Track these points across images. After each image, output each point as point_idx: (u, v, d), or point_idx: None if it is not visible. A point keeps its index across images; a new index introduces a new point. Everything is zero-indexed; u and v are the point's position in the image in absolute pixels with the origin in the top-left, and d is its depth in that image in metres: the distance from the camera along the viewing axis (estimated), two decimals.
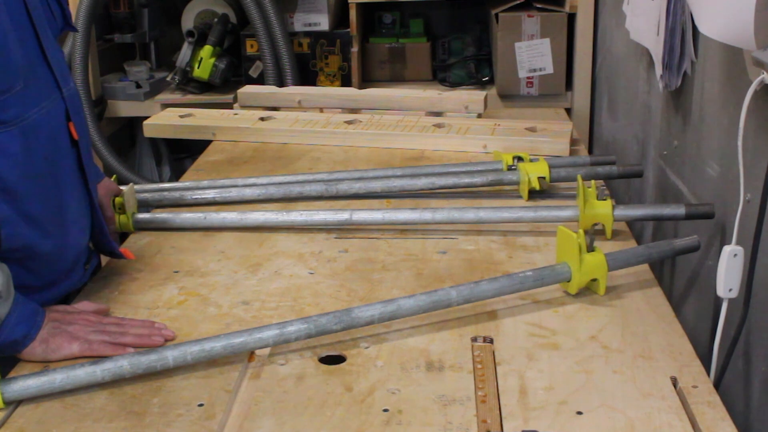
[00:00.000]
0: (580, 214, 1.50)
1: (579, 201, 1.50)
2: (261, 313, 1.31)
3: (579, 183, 1.50)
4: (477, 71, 2.74)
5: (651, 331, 1.23)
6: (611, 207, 1.50)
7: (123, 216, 1.61)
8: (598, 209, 1.50)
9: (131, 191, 1.63)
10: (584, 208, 1.49)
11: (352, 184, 1.74)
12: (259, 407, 1.07)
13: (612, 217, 1.50)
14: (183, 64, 2.73)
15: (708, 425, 1.01)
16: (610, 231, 1.51)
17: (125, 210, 1.60)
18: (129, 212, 1.61)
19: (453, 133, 2.08)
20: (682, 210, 1.44)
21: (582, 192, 1.49)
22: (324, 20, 2.72)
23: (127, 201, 1.60)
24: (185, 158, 3.14)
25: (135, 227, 1.62)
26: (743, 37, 1.08)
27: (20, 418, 1.06)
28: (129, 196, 1.61)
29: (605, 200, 1.50)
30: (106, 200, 1.57)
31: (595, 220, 1.50)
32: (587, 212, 1.50)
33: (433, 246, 1.53)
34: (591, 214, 1.50)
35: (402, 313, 1.22)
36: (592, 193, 1.50)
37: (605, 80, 2.36)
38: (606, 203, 1.50)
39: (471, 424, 1.02)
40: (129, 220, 1.61)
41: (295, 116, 2.25)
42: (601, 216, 1.50)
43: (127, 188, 1.62)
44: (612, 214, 1.50)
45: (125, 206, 1.60)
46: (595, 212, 1.50)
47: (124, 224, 1.61)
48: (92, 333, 1.20)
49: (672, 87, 1.57)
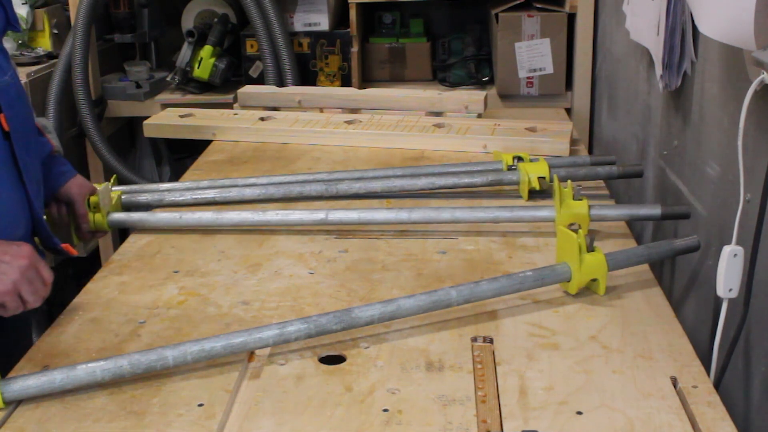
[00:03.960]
0: (556, 214, 1.50)
1: (555, 201, 1.50)
2: (261, 313, 1.31)
3: (555, 183, 1.50)
4: (477, 71, 2.74)
5: (651, 331, 1.23)
6: (587, 207, 1.50)
7: (98, 215, 1.61)
8: (574, 209, 1.50)
9: (106, 190, 1.64)
10: (560, 208, 1.50)
11: (352, 184, 1.74)
12: (259, 407, 1.07)
13: (588, 217, 1.50)
14: (183, 64, 2.73)
15: (708, 425, 1.01)
16: (586, 230, 1.50)
17: (100, 209, 1.60)
18: (104, 211, 1.61)
19: (453, 133, 2.08)
20: (658, 210, 1.45)
21: (558, 192, 1.49)
22: (324, 20, 2.72)
23: (102, 200, 1.60)
24: (185, 158, 3.14)
25: (110, 226, 1.62)
26: (743, 37, 1.08)
27: (20, 418, 1.06)
28: (104, 195, 1.62)
29: (581, 200, 1.50)
30: (80, 198, 1.58)
31: (572, 220, 1.50)
32: (563, 212, 1.50)
33: (433, 246, 1.53)
34: (567, 214, 1.50)
35: (402, 313, 1.22)
36: (569, 193, 1.50)
37: (605, 80, 2.36)
38: (582, 203, 1.50)
39: (471, 424, 1.02)
40: (104, 218, 1.61)
41: (295, 116, 2.25)
42: (577, 216, 1.50)
43: (102, 187, 1.63)
44: (588, 213, 1.50)
45: (100, 205, 1.60)
46: (571, 212, 1.50)
47: (99, 223, 1.62)
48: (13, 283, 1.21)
49: (672, 87, 1.57)
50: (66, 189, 1.59)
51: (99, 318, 1.31)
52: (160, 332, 1.26)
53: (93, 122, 2.66)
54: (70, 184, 1.59)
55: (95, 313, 1.33)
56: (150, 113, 2.56)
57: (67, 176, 1.60)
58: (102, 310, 1.33)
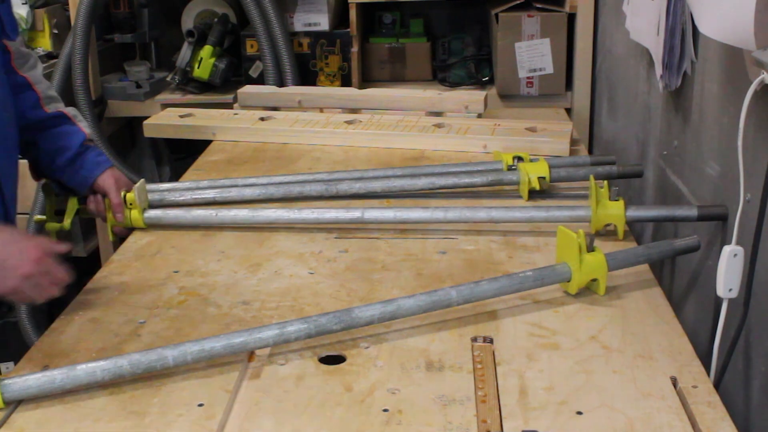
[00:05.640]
0: (592, 214, 1.49)
1: (591, 201, 1.49)
2: (261, 313, 1.31)
3: (591, 183, 1.49)
4: (477, 71, 2.74)
5: (651, 331, 1.23)
6: (624, 208, 1.49)
7: (134, 211, 1.60)
8: (611, 210, 1.50)
9: (143, 187, 1.62)
10: (596, 208, 1.49)
11: (352, 184, 1.74)
12: (259, 407, 1.07)
13: (624, 218, 1.49)
14: (183, 64, 2.73)
15: (708, 425, 1.01)
16: (622, 231, 1.50)
17: (136, 205, 1.59)
18: (139, 208, 1.60)
19: (453, 133, 2.08)
20: (695, 211, 1.42)
21: (595, 192, 1.48)
22: (324, 20, 2.72)
23: (138, 196, 1.59)
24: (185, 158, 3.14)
25: (146, 223, 1.62)
26: (743, 37, 1.08)
27: (20, 418, 1.06)
28: (140, 192, 1.60)
29: (618, 201, 1.50)
30: (113, 186, 1.58)
31: (608, 221, 1.50)
32: (600, 213, 1.49)
33: (433, 246, 1.53)
34: (603, 215, 1.49)
35: (402, 313, 1.22)
36: (605, 194, 1.50)
37: (605, 80, 2.36)
38: (618, 204, 1.49)
39: (471, 424, 1.02)
40: (140, 215, 1.61)
41: (295, 116, 2.25)
42: (613, 216, 1.50)
43: (139, 183, 1.62)
44: (624, 215, 1.49)
45: (136, 202, 1.59)
46: (607, 213, 1.49)
47: (135, 220, 1.61)
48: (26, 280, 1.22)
49: (672, 87, 1.57)
50: (102, 180, 1.59)
51: (99, 318, 1.31)
52: (160, 332, 1.26)
53: (93, 122, 2.66)
54: (106, 175, 1.59)
55: (95, 313, 1.33)
56: (150, 113, 2.56)
57: (103, 167, 1.60)
58: (102, 310, 1.33)
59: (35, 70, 1.59)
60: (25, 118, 1.54)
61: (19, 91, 1.54)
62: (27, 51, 1.59)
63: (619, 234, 1.50)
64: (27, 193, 2.58)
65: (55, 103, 1.61)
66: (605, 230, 1.52)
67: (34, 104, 1.56)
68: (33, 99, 1.56)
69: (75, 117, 1.63)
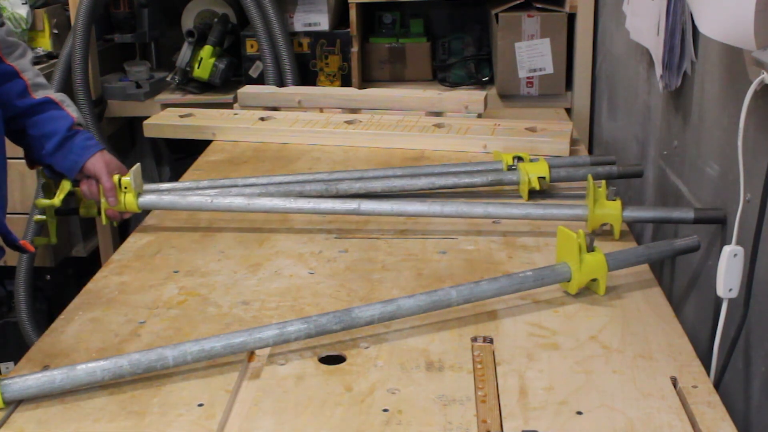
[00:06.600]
0: (589, 213, 1.49)
1: (588, 201, 1.49)
2: (261, 313, 1.31)
3: (589, 182, 1.49)
4: (477, 71, 2.74)
5: (651, 331, 1.23)
6: (621, 208, 1.49)
7: (129, 195, 1.59)
8: (608, 209, 1.50)
9: (138, 171, 1.62)
10: (594, 207, 1.49)
11: (352, 184, 1.74)
12: (259, 407, 1.07)
13: (621, 218, 1.49)
14: (183, 64, 2.73)
15: (708, 425, 1.01)
16: (618, 231, 1.50)
17: (131, 189, 1.59)
18: (134, 192, 1.59)
19: (453, 133, 2.08)
20: (691, 214, 1.42)
21: (592, 192, 1.48)
22: (324, 20, 2.72)
23: (133, 180, 1.59)
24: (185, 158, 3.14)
25: (140, 208, 1.61)
26: (743, 37, 1.08)
27: (20, 418, 1.06)
28: (136, 176, 1.60)
29: (615, 200, 1.50)
30: (104, 170, 1.57)
31: (604, 220, 1.50)
32: (597, 212, 1.49)
33: (433, 246, 1.53)
34: (600, 214, 1.50)
35: (402, 313, 1.22)
36: (602, 193, 1.50)
37: (605, 80, 2.36)
38: (616, 204, 1.50)
39: (471, 424, 1.02)
40: (134, 200, 1.60)
41: (295, 116, 2.25)
42: (610, 216, 1.50)
43: (134, 168, 1.61)
44: (621, 214, 1.49)
45: (131, 185, 1.58)
46: (604, 212, 1.50)
47: (129, 204, 1.60)
48: None
49: (672, 87, 1.57)
50: (92, 164, 1.58)
51: (99, 318, 1.31)
52: (160, 332, 1.26)
53: (93, 122, 2.66)
54: (96, 158, 1.57)
55: (95, 313, 1.33)
56: (150, 113, 2.56)
57: (92, 150, 1.58)
58: (102, 310, 1.33)
59: (24, 59, 1.58)
60: (13, 107, 1.53)
61: (6, 80, 1.52)
62: (14, 40, 1.57)
63: (615, 234, 1.50)
64: (27, 194, 2.59)
65: (44, 90, 1.60)
66: (601, 230, 1.52)
67: (22, 92, 1.55)
68: (20, 87, 1.55)
69: (62, 102, 1.61)
